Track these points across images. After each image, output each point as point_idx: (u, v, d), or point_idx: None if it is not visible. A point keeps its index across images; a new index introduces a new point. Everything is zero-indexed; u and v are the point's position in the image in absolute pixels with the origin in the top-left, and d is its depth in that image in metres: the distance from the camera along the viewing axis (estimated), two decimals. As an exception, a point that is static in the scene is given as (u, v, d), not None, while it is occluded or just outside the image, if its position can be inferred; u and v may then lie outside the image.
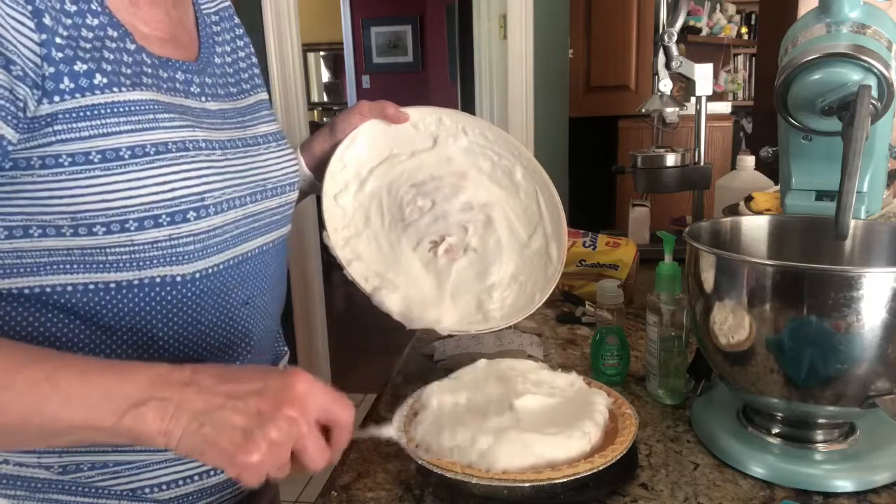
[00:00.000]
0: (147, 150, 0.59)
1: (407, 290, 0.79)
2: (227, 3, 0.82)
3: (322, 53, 7.14)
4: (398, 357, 1.01)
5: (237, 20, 0.82)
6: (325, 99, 7.39)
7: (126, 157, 0.58)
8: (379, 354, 3.49)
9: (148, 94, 0.61)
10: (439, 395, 0.71)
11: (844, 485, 0.64)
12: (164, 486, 0.67)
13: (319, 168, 0.87)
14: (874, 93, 0.72)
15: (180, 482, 0.68)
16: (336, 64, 7.02)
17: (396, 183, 0.86)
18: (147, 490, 0.67)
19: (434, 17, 6.15)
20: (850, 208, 0.64)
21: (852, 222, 0.66)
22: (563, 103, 2.65)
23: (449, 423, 0.66)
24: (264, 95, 0.81)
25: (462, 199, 0.85)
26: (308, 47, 6.11)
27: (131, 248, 0.60)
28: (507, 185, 0.88)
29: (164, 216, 0.60)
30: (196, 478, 0.69)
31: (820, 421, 0.68)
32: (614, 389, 0.75)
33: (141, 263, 0.61)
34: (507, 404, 0.68)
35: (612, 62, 2.74)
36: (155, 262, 0.61)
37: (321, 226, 0.81)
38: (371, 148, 0.87)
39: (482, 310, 0.80)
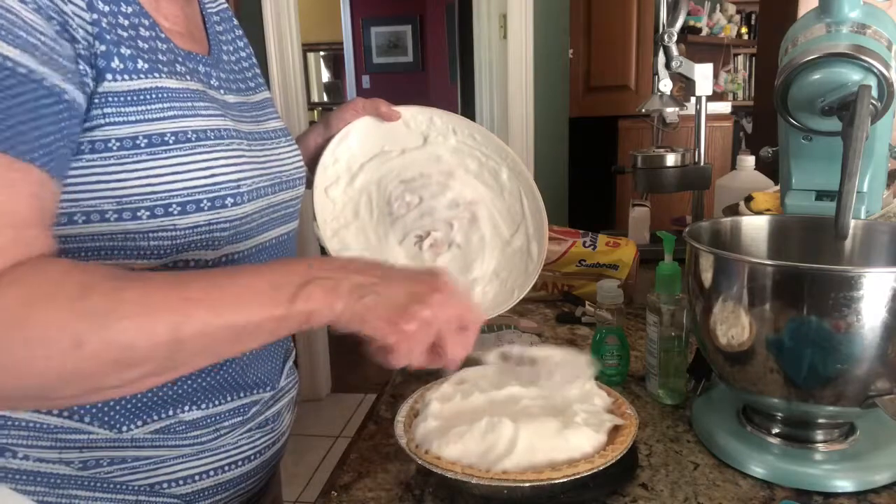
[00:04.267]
0: (189, 136, 0.61)
1: None
2: (226, 6, 0.83)
3: (322, 53, 7.13)
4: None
5: (236, 21, 0.84)
6: (325, 99, 7.39)
7: (171, 142, 0.60)
8: (379, 354, 3.48)
9: (183, 82, 0.63)
10: (441, 396, 0.71)
11: (844, 485, 0.64)
12: (180, 482, 0.68)
13: (313, 161, 0.89)
14: (874, 93, 0.72)
15: (196, 477, 0.69)
16: (336, 64, 7.02)
17: (386, 178, 0.88)
18: (164, 485, 0.68)
19: (434, 17, 6.15)
20: (850, 208, 0.64)
21: (852, 222, 0.66)
22: (563, 103, 2.65)
23: (451, 424, 0.66)
24: (268, 94, 0.83)
25: (449, 197, 0.87)
26: (308, 47, 6.11)
27: (173, 233, 0.61)
28: (492, 185, 0.90)
29: (205, 201, 0.62)
30: (212, 473, 0.70)
31: (820, 421, 0.68)
32: (614, 389, 0.75)
33: (180, 247, 0.62)
34: (508, 406, 0.68)
35: (612, 62, 2.74)
36: (192, 245, 0.63)
37: (314, 217, 0.83)
38: (363, 144, 0.89)
39: None
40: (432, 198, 0.86)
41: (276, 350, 0.78)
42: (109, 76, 0.57)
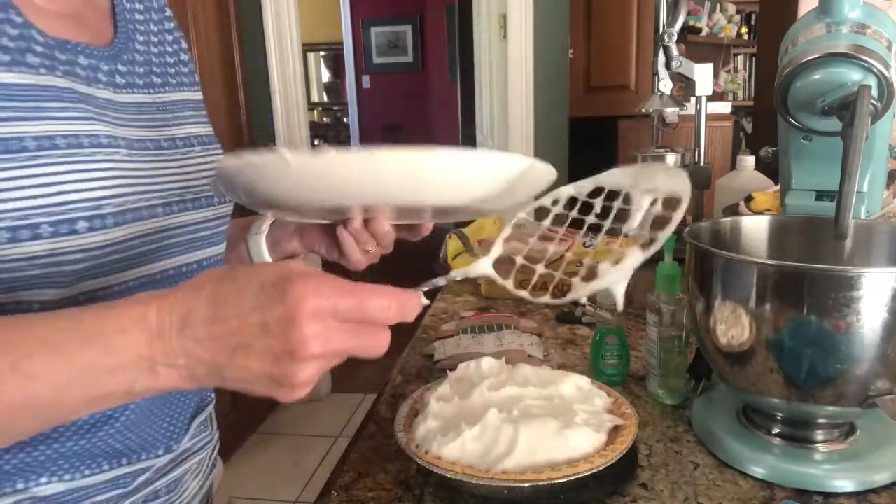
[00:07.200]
0: (26, 143, 0.49)
1: None
2: None
3: (322, 53, 7.14)
4: (398, 357, 1.01)
5: (169, 13, 0.74)
6: (325, 99, 7.40)
7: None
8: (379, 354, 3.48)
9: (31, 76, 0.51)
10: (440, 396, 0.71)
11: (844, 485, 0.64)
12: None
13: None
14: (874, 93, 0.72)
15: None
16: (336, 64, 7.02)
17: None
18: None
19: (434, 17, 6.15)
20: (850, 208, 0.64)
21: (852, 222, 0.66)
22: (563, 103, 2.65)
23: (451, 424, 0.66)
24: (193, 95, 0.72)
25: None
26: (308, 47, 6.11)
27: (0, 266, 0.49)
28: None
29: (44, 225, 0.50)
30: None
31: (820, 421, 0.68)
32: (614, 389, 0.75)
33: (12, 284, 0.50)
34: (508, 406, 0.68)
35: (612, 62, 2.74)
36: (31, 282, 0.51)
37: None
38: None
39: None
40: None
41: (180, 404, 0.65)
42: None
